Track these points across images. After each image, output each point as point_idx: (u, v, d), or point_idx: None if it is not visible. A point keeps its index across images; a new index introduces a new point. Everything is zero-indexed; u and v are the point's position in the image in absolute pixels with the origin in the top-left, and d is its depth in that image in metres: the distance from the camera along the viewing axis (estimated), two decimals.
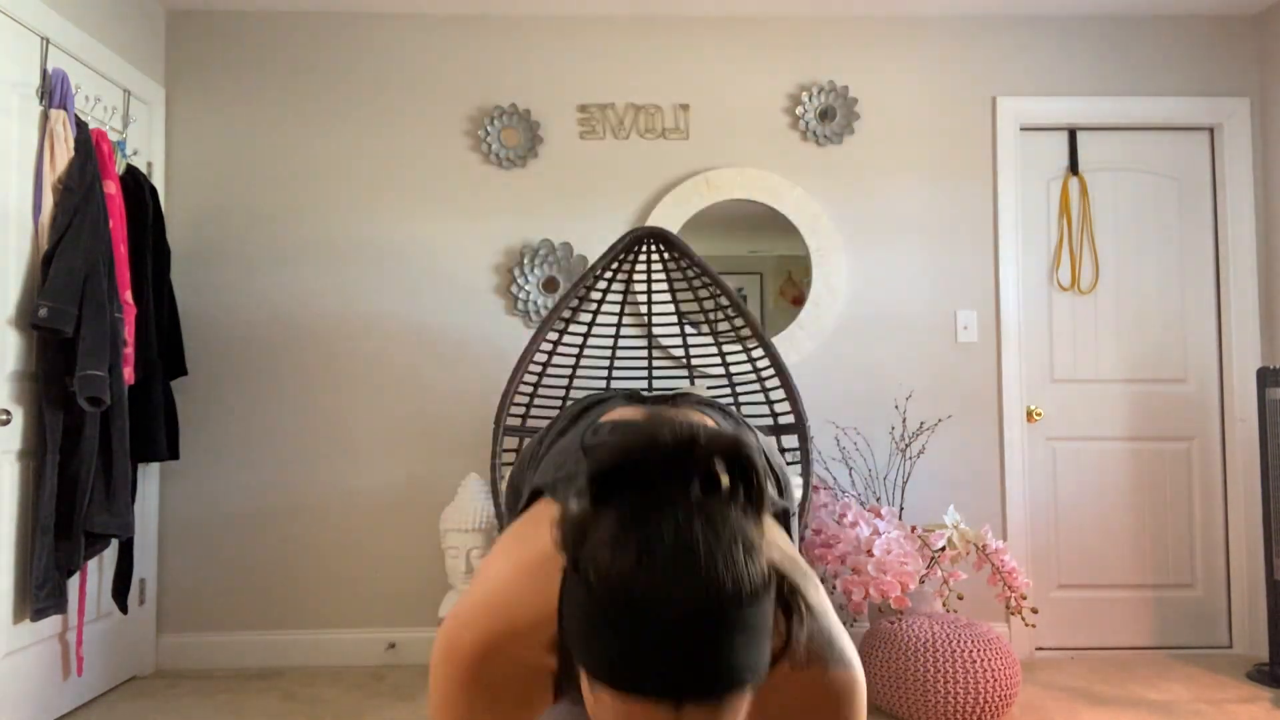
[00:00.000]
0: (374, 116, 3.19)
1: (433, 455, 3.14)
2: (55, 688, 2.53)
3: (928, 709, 2.38)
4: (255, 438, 3.11)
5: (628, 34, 3.24)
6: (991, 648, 2.41)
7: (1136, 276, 3.26)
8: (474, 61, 3.22)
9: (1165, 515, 3.22)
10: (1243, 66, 3.25)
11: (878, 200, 3.23)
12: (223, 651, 3.06)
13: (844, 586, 2.55)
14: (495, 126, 3.17)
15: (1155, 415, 3.24)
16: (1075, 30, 3.26)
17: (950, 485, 3.18)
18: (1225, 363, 3.23)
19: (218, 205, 3.15)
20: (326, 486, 3.12)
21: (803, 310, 3.18)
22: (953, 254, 3.22)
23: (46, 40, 2.50)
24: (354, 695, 2.75)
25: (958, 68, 3.25)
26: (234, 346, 3.12)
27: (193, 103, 3.17)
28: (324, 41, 3.20)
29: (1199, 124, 3.25)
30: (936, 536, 2.65)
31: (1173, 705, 2.62)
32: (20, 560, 2.37)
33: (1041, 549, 3.21)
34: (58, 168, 2.45)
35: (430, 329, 3.16)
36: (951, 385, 3.20)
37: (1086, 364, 3.25)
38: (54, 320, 2.31)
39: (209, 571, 3.08)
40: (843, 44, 3.25)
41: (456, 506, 2.84)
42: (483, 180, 3.20)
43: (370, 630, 3.10)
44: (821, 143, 3.22)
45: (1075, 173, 3.27)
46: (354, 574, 3.11)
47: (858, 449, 3.17)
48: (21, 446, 2.37)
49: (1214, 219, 3.28)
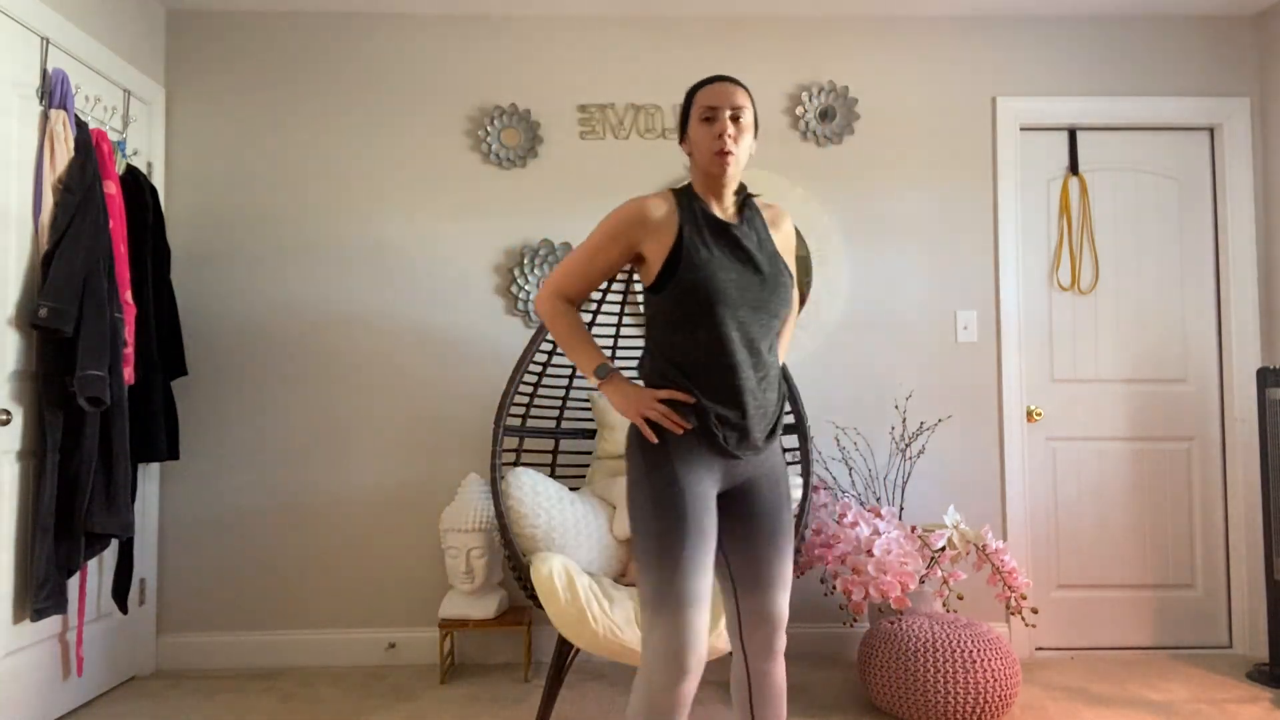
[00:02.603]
0: (374, 116, 3.19)
1: (433, 455, 3.14)
2: (55, 688, 2.53)
3: (928, 709, 2.38)
4: (255, 438, 3.11)
5: (628, 34, 3.24)
6: (991, 648, 2.41)
7: (1136, 276, 3.26)
8: (474, 61, 3.22)
9: (1165, 515, 3.22)
10: (1243, 66, 3.25)
11: (878, 200, 3.23)
12: (223, 651, 3.06)
13: (844, 586, 2.55)
14: (495, 126, 3.17)
15: (1155, 415, 3.24)
16: (1075, 30, 3.26)
17: (950, 485, 3.18)
18: (1225, 363, 3.23)
19: (218, 205, 3.15)
20: (326, 486, 3.12)
21: (803, 310, 3.18)
22: (953, 254, 3.22)
23: (46, 40, 2.50)
24: (354, 695, 2.75)
25: (958, 68, 3.25)
26: (234, 346, 3.12)
27: (193, 103, 3.17)
28: (324, 41, 3.20)
29: (1199, 124, 3.25)
30: (936, 536, 2.65)
31: (1173, 705, 2.62)
32: (20, 560, 2.37)
33: (1041, 549, 3.21)
34: (58, 168, 2.45)
35: (430, 329, 3.16)
36: (951, 385, 3.20)
37: (1086, 364, 3.25)
38: (54, 320, 2.31)
39: (209, 571, 3.08)
40: (843, 44, 3.25)
41: (456, 506, 2.84)
42: (483, 180, 3.20)
43: (370, 630, 3.10)
44: (821, 143, 3.22)
45: (1075, 173, 3.27)
46: (354, 574, 3.11)
47: (858, 449, 3.17)
48: (21, 446, 2.37)
49: (1214, 219, 3.28)
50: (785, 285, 1.63)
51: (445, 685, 2.84)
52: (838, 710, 2.58)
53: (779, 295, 1.61)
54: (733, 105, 1.60)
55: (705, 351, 1.57)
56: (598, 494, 2.73)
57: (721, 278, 1.57)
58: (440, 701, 2.69)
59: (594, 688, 2.81)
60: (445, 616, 2.83)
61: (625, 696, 2.72)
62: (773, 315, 1.60)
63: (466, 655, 3.09)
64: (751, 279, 1.59)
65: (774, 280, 1.61)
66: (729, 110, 1.59)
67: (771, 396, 1.62)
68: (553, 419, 3.05)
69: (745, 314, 1.57)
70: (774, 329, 1.62)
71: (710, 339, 1.56)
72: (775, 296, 1.60)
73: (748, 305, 1.57)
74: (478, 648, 3.08)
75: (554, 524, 2.44)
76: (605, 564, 2.55)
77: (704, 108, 1.60)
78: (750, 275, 1.59)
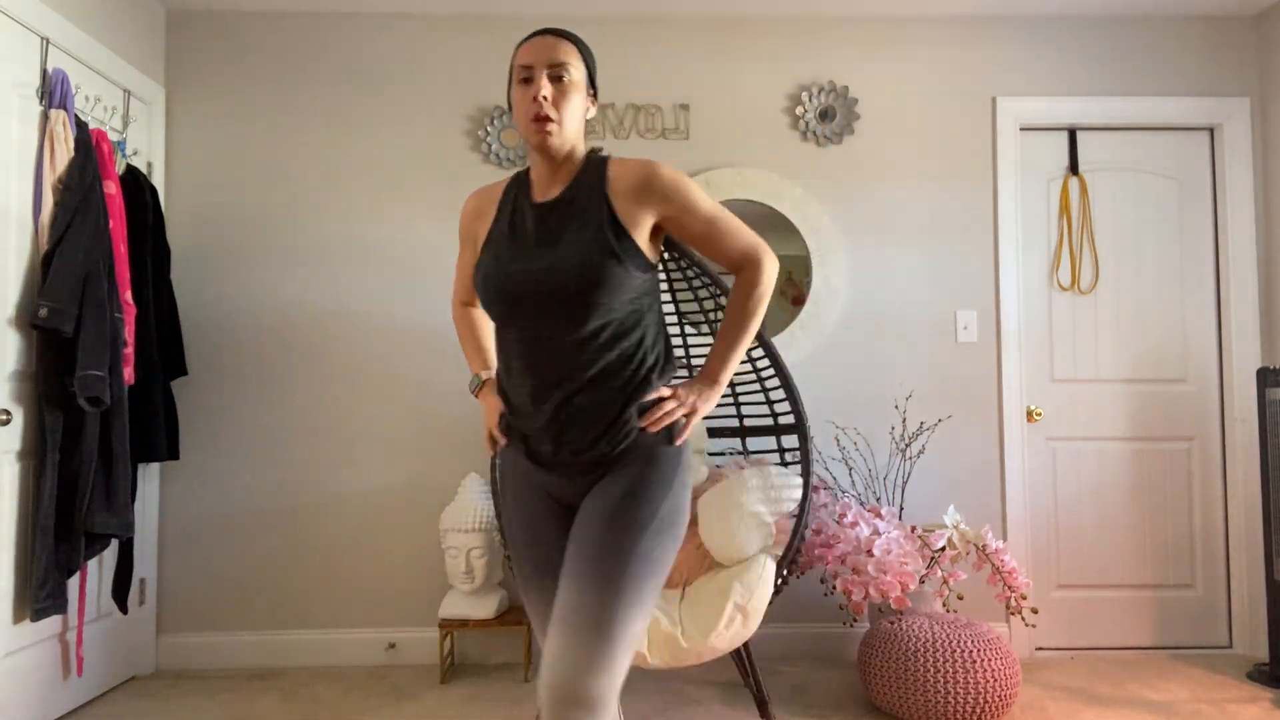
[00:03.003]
0: (374, 116, 3.19)
1: (433, 455, 3.14)
2: (55, 688, 2.53)
3: (928, 709, 2.38)
4: (255, 438, 3.11)
5: (628, 34, 3.24)
6: (991, 648, 2.41)
7: (1136, 276, 3.26)
8: (474, 61, 3.22)
9: (1165, 515, 3.22)
10: (1243, 66, 3.25)
11: (878, 200, 3.23)
12: (223, 651, 3.06)
13: (844, 586, 2.55)
14: (495, 126, 3.17)
15: (1155, 415, 3.24)
16: (1075, 30, 3.26)
17: (950, 485, 3.18)
18: (1225, 363, 3.23)
19: (217, 205, 3.15)
20: (326, 486, 3.12)
21: (803, 310, 3.18)
22: (953, 254, 3.22)
23: (46, 40, 2.50)
24: (354, 695, 2.75)
25: (958, 68, 3.25)
26: (234, 346, 3.12)
27: (193, 103, 3.17)
28: (324, 41, 3.20)
29: (1199, 124, 3.25)
30: (936, 536, 2.65)
31: (1173, 705, 2.62)
32: (20, 560, 2.37)
33: (1041, 549, 3.21)
34: (58, 168, 2.45)
35: (430, 329, 3.16)
36: (951, 385, 3.20)
37: (1086, 364, 3.25)
38: (54, 320, 2.31)
39: (209, 571, 3.08)
40: (843, 44, 3.25)
41: (456, 506, 2.84)
42: (483, 180, 3.20)
43: (370, 630, 3.10)
44: (821, 143, 3.22)
45: (1075, 173, 3.27)
46: (354, 574, 3.11)
47: (858, 449, 3.17)
48: (21, 446, 2.37)
49: (1214, 219, 3.28)
50: (601, 271, 1.31)
51: (445, 685, 2.84)
52: (838, 710, 2.58)
53: (587, 282, 1.30)
54: (550, 63, 1.35)
55: (505, 352, 1.41)
56: None
57: (506, 272, 1.35)
58: (440, 701, 2.69)
59: None
60: (445, 616, 2.83)
61: (625, 697, 2.72)
62: (583, 307, 1.31)
63: (466, 655, 3.09)
64: (545, 269, 1.32)
65: (577, 268, 1.31)
66: (546, 69, 1.35)
67: (589, 402, 1.34)
68: None
69: (535, 309, 1.33)
70: (590, 321, 1.32)
71: (505, 339, 1.40)
72: (579, 286, 1.30)
73: (538, 300, 1.33)
74: (478, 648, 3.08)
75: None
76: None
77: (520, 68, 1.37)
78: (544, 265, 1.33)
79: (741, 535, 2.39)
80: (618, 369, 1.35)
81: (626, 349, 1.36)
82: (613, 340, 1.35)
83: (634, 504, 1.31)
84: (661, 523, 1.32)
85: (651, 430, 1.37)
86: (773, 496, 2.41)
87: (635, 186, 1.37)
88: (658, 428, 1.37)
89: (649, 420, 1.37)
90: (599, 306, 1.32)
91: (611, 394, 1.35)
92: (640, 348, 1.37)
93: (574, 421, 1.35)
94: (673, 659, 2.20)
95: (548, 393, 1.35)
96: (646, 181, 1.37)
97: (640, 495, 1.32)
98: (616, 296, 1.33)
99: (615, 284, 1.32)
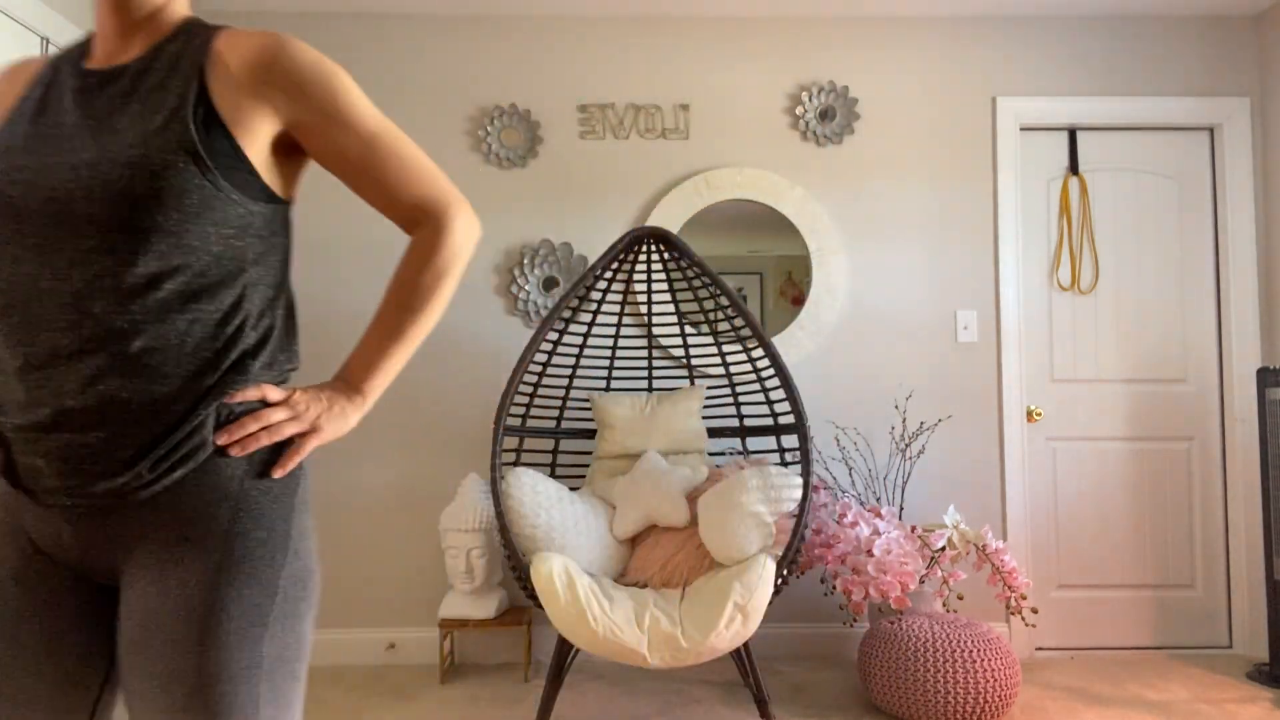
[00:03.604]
0: None
1: (433, 455, 3.14)
2: None
3: (928, 709, 2.38)
4: None
5: (628, 34, 3.24)
6: (991, 648, 2.41)
7: (1136, 276, 3.26)
8: (474, 61, 3.22)
9: (1165, 515, 3.22)
10: (1243, 66, 3.25)
11: (878, 200, 3.23)
12: None
13: (844, 586, 2.55)
14: (495, 126, 3.17)
15: (1155, 415, 3.24)
16: (1075, 30, 3.26)
17: (950, 485, 3.18)
18: (1225, 363, 3.23)
19: None
20: (326, 486, 3.12)
21: (803, 310, 3.18)
22: (953, 254, 3.22)
23: (46, 40, 2.50)
24: (354, 695, 2.75)
25: (958, 68, 3.25)
26: None
27: None
28: (324, 42, 3.20)
29: (1199, 124, 3.25)
30: (936, 536, 2.65)
31: (1173, 705, 2.62)
32: None
33: (1041, 549, 3.21)
34: None
35: (431, 328, 3.16)
36: (951, 385, 3.20)
37: (1086, 364, 3.25)
38: None
39: None
40: (843, 44, 3.25)
41: (456, 506, 2.84)
42: (483, 180, 3.20)
43: (370, 630, 3.10)
44: (821, 143, 3.22)
45: (1075, 173, 3.27)
46: (354, 574, 3.11)
47: (858, 449, 3.17)
48: None
49: (1214, 219, 3.28)
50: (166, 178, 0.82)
51: (445, 685, 2.84)
52: (838, 710, 2.58)
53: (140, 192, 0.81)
54: None
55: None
56: (598, 494, 2.73)
57: (7, 164, 0.85)
58: (440, 701, 2.69)
59: (594, 688, 2.81)
60: (445, 616, 2.83)
61: (625, 697, 2.72)
62: (129, 233, 0.82)
63: (466, 655, 3.09)
64: (73, 165, 0.83)
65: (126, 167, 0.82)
66: None
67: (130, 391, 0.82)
68: (553, 419, 3.05)
69: (45, 229, 0.82)
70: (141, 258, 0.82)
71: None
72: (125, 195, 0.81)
73: (55, 215, 0.82)
74: (478, 648, 3.08)
75: (554, 524, 2.44)
76: (605, 564, 2.55)
77: None
78: (74, 159, 0.83)
79: (741, 535, 2.39)
80: (187, 344, 0.85)
81: (207, 314, 0.86)
82: (183, 297, 0.85)
83: (232, 591, 0.83)
84: (282, 608, 0.86)
85: (235, 453, 0.87)
86: (772, 496, 2.41)
87: (250, 67, 0.89)
88: (245, 450, 0.88)
89: (233, 435, 0.87)
90: (156, 235, 0.82)
91: (172, 383, 0.84)
92: (235, 316, 0.88)
93: (100, 422, 0.82)
94: (673, 659, 2.20)
95: (56, 372, 0.82)
96: (267, 62, 0.89)
97: (237, 572, 0.84)
98: (192, 225, 0.84)
99: (190, 204, 0.84)
